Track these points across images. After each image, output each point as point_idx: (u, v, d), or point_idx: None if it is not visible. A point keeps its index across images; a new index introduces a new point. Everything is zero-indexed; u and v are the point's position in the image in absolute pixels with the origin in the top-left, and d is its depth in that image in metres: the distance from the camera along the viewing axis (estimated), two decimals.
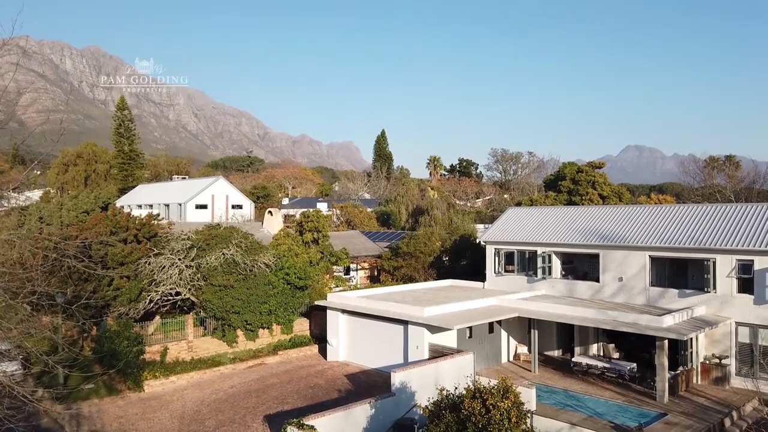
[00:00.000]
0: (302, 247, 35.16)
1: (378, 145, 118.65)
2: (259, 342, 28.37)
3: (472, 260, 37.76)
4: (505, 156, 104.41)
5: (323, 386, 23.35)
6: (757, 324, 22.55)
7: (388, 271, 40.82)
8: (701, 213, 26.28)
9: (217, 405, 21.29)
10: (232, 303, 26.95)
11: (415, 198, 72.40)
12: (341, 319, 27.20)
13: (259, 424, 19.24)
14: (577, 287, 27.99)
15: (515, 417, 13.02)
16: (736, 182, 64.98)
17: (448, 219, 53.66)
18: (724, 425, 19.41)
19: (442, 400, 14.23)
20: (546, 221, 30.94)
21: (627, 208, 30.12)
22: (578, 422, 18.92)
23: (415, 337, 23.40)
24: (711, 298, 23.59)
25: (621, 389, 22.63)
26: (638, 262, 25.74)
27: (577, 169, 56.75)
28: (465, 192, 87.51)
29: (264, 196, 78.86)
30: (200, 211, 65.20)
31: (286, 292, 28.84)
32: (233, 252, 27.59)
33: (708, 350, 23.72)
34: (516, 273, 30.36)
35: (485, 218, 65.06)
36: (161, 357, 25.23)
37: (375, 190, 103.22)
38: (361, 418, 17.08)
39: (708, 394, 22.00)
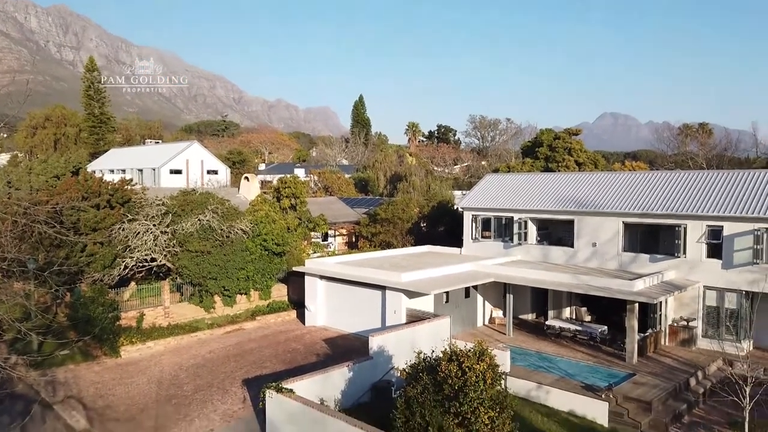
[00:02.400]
0: (279, 213, 34.94)
1: (356, 110, 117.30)
2: (236, 308, 28.38)
3: (450, 226, 38.02)
4: (483, 122, 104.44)
5: (301, 351, 23.56)
6: (724, 288, 23.27)
7: (366, 238, 40.91)
8: (674, 180, 26.73)
9: (195, 370, 21.36)
10: (208, 269, 26.80)
11: (393, 164, 72.22)
12: (319, 284, 27.29)
13: (238, 388, 19.39)
14: (552, 253, 28.45)
15: (490, 378, 13.31)
16: (709, 149, 66.22)
17: (426, 185, 53.77)
18: (690, 384, 20.18)
19: (419, 363, 14.46)
20: (523, 188, 31.18)
21: (602, 175, 30.49)
22: (550, 383, 19.48)
23: (392, 302, 23.64)
24: (681, 262, 24.21)
25: (592, 351, 23.29)
26: (612, 227, 26.20)
27: (554, 135, 56.97)
28: (443, 158, 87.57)
29: (240, 162, 77.81)
30: (175, 176, 64.13)
31: (264, 258, 28.76)
32: (209, 218, 27.29)
33: (676, 313, 24.47)
34: (492, 239, 30.70)
35: (463, 185, 65.41)
36: (137, 323, 25.11)
37: (353, 156, 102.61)
38: (339, 381, 17.31)
39: (675, 355, 22.79)
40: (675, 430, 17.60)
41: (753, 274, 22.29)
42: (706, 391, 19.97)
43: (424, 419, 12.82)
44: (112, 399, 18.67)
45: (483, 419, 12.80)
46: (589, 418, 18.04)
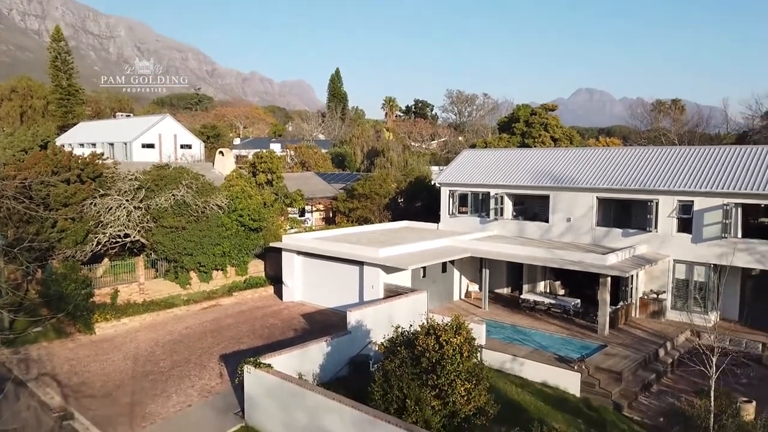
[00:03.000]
0: (255, 189, 34.57)
1: (332, 84, 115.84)
2: (213, 284, 28.20)
3: (427, 202, 38.13)
4: (460, 97, 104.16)
5: (279, 326, 23.59)
6: (693, 261, 23.90)
7: (343, 213, 40.83)
8: (646, 156, 27.13)
9: (172, 346, 21.26)
10: (184, 245, 26.49)
11: (371, 139, 71.77)
12: (296, 260, 27.23)
13: (216, 364, 19.38)
14: (527, 228, 28.79)
15: (467, 351, 13.53)
16: (681, 126, 67.21)
17: (404, 161, 53.67)
18: (659, 355, 20.82)
19: (396, 337, 14.60)
20: (499, 164, 31.34)
21: (577, 151, 30.79)
22: (525, 355, 19.91)
23: (370, 277, 23.73)
24: (652, 237, 24.74)
25: (565, 323, 23.81)
26: (586, 203, 26.58)
27: (530, 111, 57.25)
28: (420, 134, 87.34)
29: (214, 136, 76.46)
30: (147, 150, 62.78)
31: (240, 233, 28.52)
32: (184, 193, 26.87)
33: (647, 286, 25.09)
34: (469, 214, 30.90)
35: (440, 160, 65.41)
36: (112, 299, 24.79)
37: (329, 131, 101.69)
38: (317, 355, 17.41)
39: (645, 326, 23.43)
40: (644, 399, 18.19)
41: (721, 247, 22.90)
42: (674, 362, 20.64)
43: (402, 392, 13.00)
44: (88, 376, 18.51)
45: (459, 391, 13.04)
46: (562, 388, 18.52)
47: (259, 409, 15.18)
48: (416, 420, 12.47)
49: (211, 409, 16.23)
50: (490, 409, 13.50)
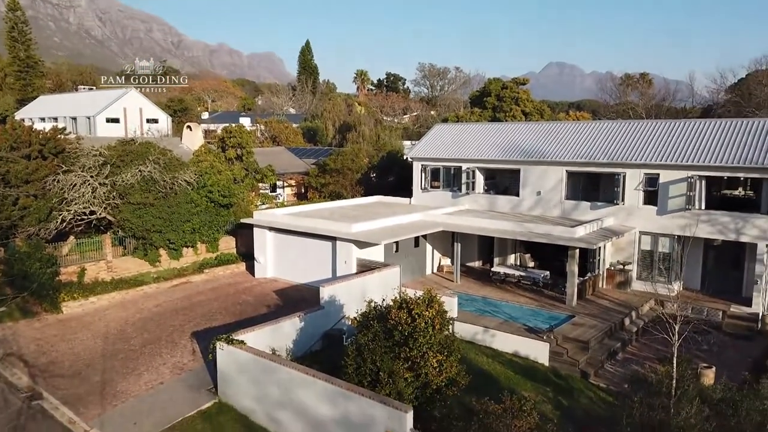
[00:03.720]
0: (225, 164, 34.03)
1: (303, 57, 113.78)
2: (183, 261, 27.84)
3: (399, 176, 38.12)
4: (432, 71, 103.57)
5: (252, 302, 23.49)
6: (658, 233, 24.53)
7: (315, 188, 40.57)
8: (615, 129, 27.51)
9: (143, 324, 21.02)
10: (152, 222, 26.02)
11: (342, 113, 71.01)
12: (268, 236, 27.03)
13: (187, 341, 19.25)
14: (498, 201, 29.08)
15: (439, 324, 13.70)
16: (648, 99, 68.23)
17: (376, 135, 53.33)
18: (624, 324, 21.44)
19: (369, 311, 14.69)
20: (471, 138, 31.42)
21: (547, 125, 31.04)
22: (495, 326, 20.28)
23: (343, 252, 23.73)
24: (619, 209, 25.25)
25: (535, 295, 24.29)
26: (555, 176, 26.91)
27: (501, 85, 57.33)
28: (392, 108, 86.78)
29: (181, 110, 74.71)
30: (112, 125, 61.10)
31: (210, 210, 28.12)
32: (151, 169, 26.28)
33: (614, 257, 25.70)
34: (441, 189, 31.03)
35: (412, 135, 65.29)
36: (79, 278, 24.29)
37: (300, 105, 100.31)
38: (290, 331, 17.43)
39: (611, 297, 24.06)
40: (610, 367, 18.77)
41: (685, 219, 23.53)
42: (639, 330, 21.30)
43: (375, 365, 13.14)
44: (56, 355, 18.21)
45: (432, 363, 13.24)
46: (531, 358, 18.98)
47: (232, 385, 15.19)
48: (389, 392, 12.64)
49: (183, 386, 16.17)
50: (462, 380, 13.76)
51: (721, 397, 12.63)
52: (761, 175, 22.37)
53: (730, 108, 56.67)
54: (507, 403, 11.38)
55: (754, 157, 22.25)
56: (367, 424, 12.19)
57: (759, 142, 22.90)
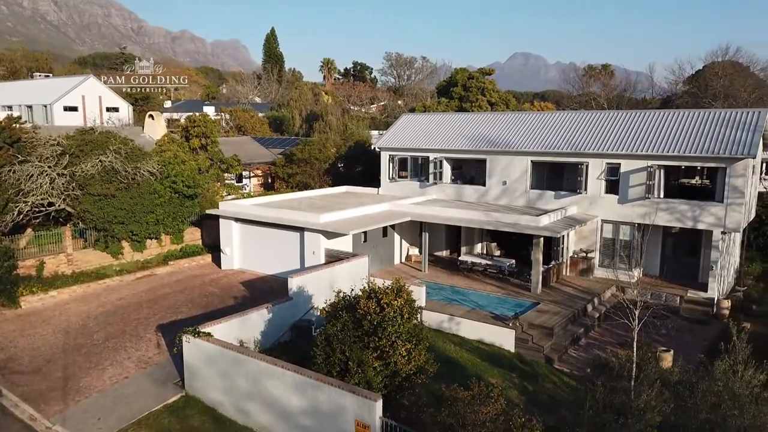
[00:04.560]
0: (189, 154, 33.39)
1: (268, 44, 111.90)
2: (147, 253, 27.29)
3: (367, 166, 38.07)
4: (399, 60, 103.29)
5: (218, 294, 23.23)
6: (619, 221, 25.19)
7: (282, 179, 40.19)
8: (578, 120, 28.05)
9: (105, 318, 20.57)
10: (114, 213, 25.39)
11: (309, 103, 70.41)
12: (235, 227, 26.71)
13: (152, 335, 18.94)
14: (465, 191, 29.36)
15: (407, 313, 13.81)
16: (610, 90, 69.67)
17: (343, 125, 53.09)
18: (587, 310, 22.01)
19: (338, 301, 14.69)
20: (438, 128, 31.58)
21: (512, 115, 31.43)
22: (462, 314, 20.57)
23: (311, 243, 23.64)
24: (582, 198, 25.81)
25: (501, 283, 24.69)
26: (521, 166, 27.31)
27: (468, 75, 57.65)
28: (359, 97, 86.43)
29: (143, 99, 72.80)
30: (70, 113, 59.07)
31: (174, 200, 27.59)
32: (112, 159, 25.59)
33: (577, 245, 26.29)
34: (409, 179, 31.15)
35: (379, 124, 65.15)
36: (37, 271, 23.58)
37: (266, 94, 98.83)
38: (258, 322, 17.32)
39: (575, 284, 24.65)
40: (573, 352, 19.27)
41: (644, 207, 24.22)
42: (601, 316, 21.90)
43: (344, 354, 13.18)
44: (15, 351, 17.68)
45: (400, 351, 13.35)
46: (498, 345, 19.33)
47: (199, 378, 15.03)
48: (359, 381, 12.71)
49: (149, 379, 15.92)
50: (430, 368, 13.93)
51: (678, 379, 13.11)
52: (716, 164, 23.15)
53: (687, 99, 58.30)
54: (475, 389, 11.56)
55: (710, 146, 23.01)
56: (336, 414, 12.25)
57: (714, 133, 23.68)
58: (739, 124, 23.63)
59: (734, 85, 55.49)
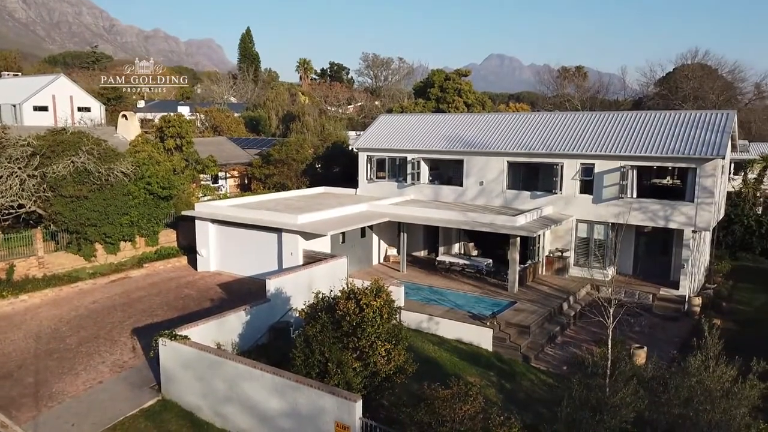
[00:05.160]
0: (164, 155, 32.93)
1: (243, 44, 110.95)
2: (121, 255, 26.84)
3: (345, 167, 38.02)
4: (376, 61, 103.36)
5: (195, 297, 22.96)
6: (594, 220, 25.60)
7: (259, 179, 39.90)
8: (552, 121, 28.43)
9: (79, 321, 20.17)
10: (87, 215, 24.91)
11: (286, 103, 69.99)
12: (211, 228, 26.43)
13: (128, 338, 18.64)
14: (443, 191, 29.53)
15: (386, 313, 13.84)
16: (584, 91, 70.80)
17: (320, 125, 52.90)
18: (563, 309, 22.32)
19: (317, 302, 14.66)
20: (415, 129, 31.70)
21: (488, 116, 31.71)
22: (441, 314, 20.68)
23: (289, 244, 23.52)
24: (557, 198, 26.17)
25: (479, 283, 24.89)
26: (497, 167, 27.57)
27: (444, 76, 57.90)
28: (336, 98, 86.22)
29: (116, 98, 71.52)
30: (40, 113, 57.76)
31: (149, 202, 27.19)
32: (84, 160, 25.12)
33: (552, 245, 26.64)
34: (387, 179, 31.20)
35: (357, 125, 65.14)
36: (7, 275, 23.00)
37: (242, 94, 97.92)
38: (236, 324, 17.17)
39: (551, 282, 24.97)
40: (549, 350, 19.52)
41: (618, 207, 24.65)
42: (576, 314, 22.23)
43: (324, 356, 13.15)
44: None
45: (380, 352, 13.38)
46: (476, 344, 19.48)
47: (176, 381, 14.84)
48: (338, 382, 12.70)
49: (124, 384, 15.67)
50: (409, 368, 13.98)
51: (652, 375, 13.38)
52: (687, 165, 23.69)
53: (658, 101, 59.61)
54: (453, 388, 11.65)
55: (680, 147, 23.53)
56: (316, 415, 12.22)
57: (685, 134, 24.23)
58: (709, 126, 24.22)
59: (703, 87, 56.92)
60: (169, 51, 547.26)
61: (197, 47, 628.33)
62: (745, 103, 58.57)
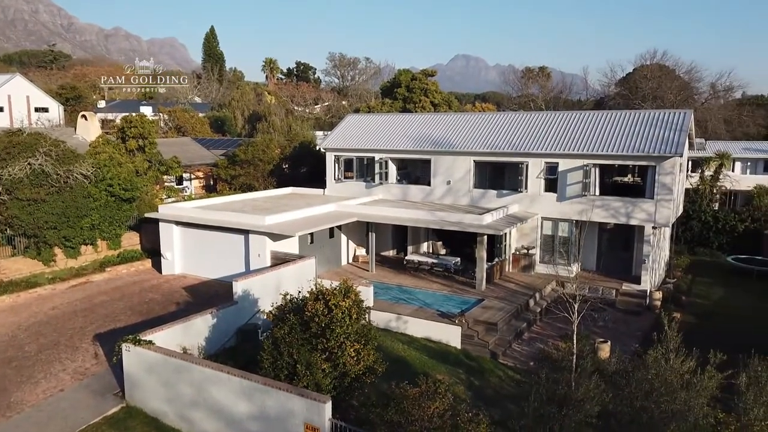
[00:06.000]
0: (126, 156, 32.18)
1: (207, 43, 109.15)
2: (82, 259, 26.12)
3: (313, 167, 37.81)
4: (342, 61, 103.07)
5: (159, 300, 22.50)
6: (558, 218, 26.08)
7: (225, 180, 39.34)
8: (517, 121, 28.85)
9: (38, 328, 19.54)
10: (45, 218, 24.16)
11: (252, 103, 69.22)
12: (176, 231, 25.94)
13: (89, 345, 18.14)
14: (411, 191, 29.64)
15: (355, 314, 13.81)
16: (547, 92, 72.00)
17: (287, 125, 52.48)
18: (529, 305, 22.66)
19: (285, 304, 14.53)
20: (382, 128, 31.74)
21: (455, 116, 31.99)
22: (410, 313, 20.76)
23: (256, 245, 23.26)
24: (523, 197, 26.55)
25: (447, 281, 25.07)
26: (464, 166, 27.83)
27: (411, 77, 58.17)
28: (303, 97, 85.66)
29: (74, 98, 69.59)
30: None
31: (111, 204, 26.54)
32: (42, 161, 24.35)
33: (518, 242, 27.03)
34: (355, 179, 31.14)
35: (324, 125, 64.87)
36: None
37: (206, 94, 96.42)
38: (202, 328, 16.90)
39: (517, 280, 25.33)
40: (517, 346, 19.80)
41: (581, 205, 25.17)
42: (542, 310, 22.60)
43: (292, 357, 13.04)
44: None
45: (349, 352, 13.34)
46: (444, 342, 19.62)
47: (140, 387, 14.52)
48: (307, 384, 12.61)
49: (86, 391, 15.25)
50: (379, 367, 13.98)
51: (615, 369, 13.71)
52: (646, 163, 24.34)
53: (619, 100, 60.99)
54: (423, 387, 11.70)
55: (640, 146, 24.17)
56: (285, 418, 12.12)
57: (644, 133, 24.89)
58: (667, 125, 24.93)
59: (662, 87, 58.49)
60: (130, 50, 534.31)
61: (160, 46, 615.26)
62: (702, 103, 60.46)
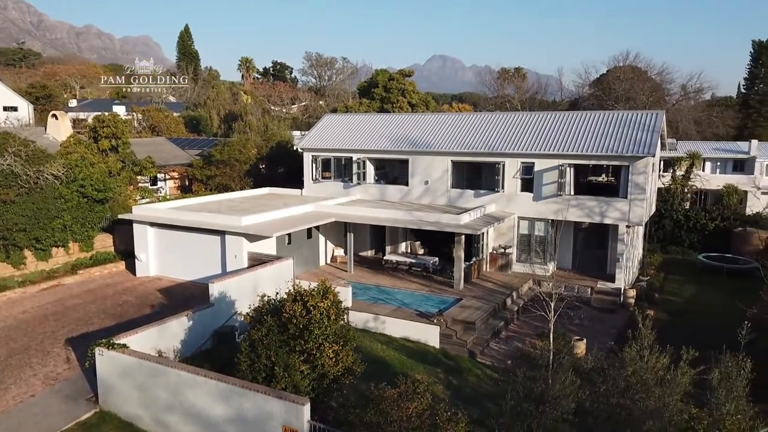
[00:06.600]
0: (98, 156, 31.54)
1: (182, 42, 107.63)
2: (53, 262, 25.53)
3: (290, 167, 37.54)
4: (319, 61, 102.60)
5: (134, 303, 22.10)
6: (534, 217, 26.34)
7: (201, 181, 38.86)
8: (494, 121, 29.06)
9: (7, 333, 19.03)
10: (14, 220, 23.54)
11: (228, 102, 68.46)
12: (150, 232, 25.52)
13: (61, 349, 17.73)
14: (389, 191, 29.64)
15: (334, 314, 13.72)
16: (523, 92, 72.75)
17: (264, 125, 52.07)
18: (506, 304, 22.85)
19: (263, 305, 14.38)
20: (360, 128, 31.68)
21: (432, 116, 32.10)
22: (388, 313, 20.76)
23: (233, 246, 23.01)
24: (500, 196, 26.76)
25: (425, 281, 25.14)
26: (442, 166, 27.93)
27: (388, 77, 58.23)
28: (280, 97, 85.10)
29: (45, 97, 68.00)
30: None
31: (83, 205, 25.99)
32: (11, 162, 23.74)
33: (495, 242, 27.23)
34: (333, 179, 31.04)
35: (301, 125, 64.51)
36: None
37: (181, 93, 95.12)
38: (177, 331, 16.65)
39: (495, 279, 25.51)
40: (494, 345, 19.94)
41: (557, 204, 25.46)
42: (519, 309, 22.79)
43: (270, 360, 12.92)
44: None
45: (328, 353, 13.26)
46: (423, 341, 19.66)
47: (114, 392, 14.24)
48: (285, 386, 12.50)
49: (58, 397, 14.90)
50: (358, 368, 13.92)
51: (591, 366, 13.86)
52: (620, 163, 24.73)
53: (593, 101, 61.92)
54: (401, 387, 11.69)
55: (613, 146, 24.55)
56: (263, 420, 12.00)
57: (618, 133, 25.29)
58: (640, 125, 25.37)
59: (634, 88, 59.53)
60: (102, 48, 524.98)
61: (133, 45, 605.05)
62: (673, 104, 61.70)
